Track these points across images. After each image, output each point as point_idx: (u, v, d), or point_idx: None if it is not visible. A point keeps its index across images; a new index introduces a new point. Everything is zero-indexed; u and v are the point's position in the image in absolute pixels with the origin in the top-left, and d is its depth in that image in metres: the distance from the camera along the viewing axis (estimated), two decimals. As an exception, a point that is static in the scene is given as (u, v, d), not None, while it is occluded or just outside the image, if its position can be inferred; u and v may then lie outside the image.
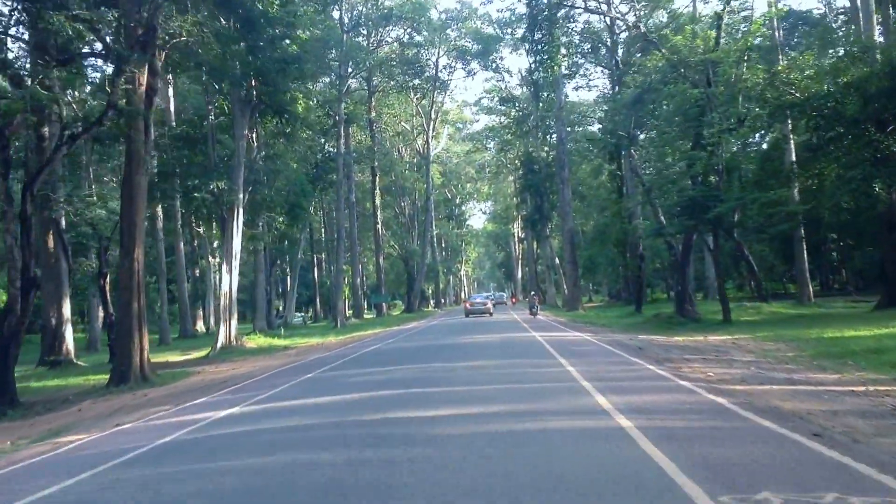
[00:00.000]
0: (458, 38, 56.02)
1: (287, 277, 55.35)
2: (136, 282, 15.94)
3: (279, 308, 55.08)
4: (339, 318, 41.21)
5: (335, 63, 44.26)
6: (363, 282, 64.68)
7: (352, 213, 49.31)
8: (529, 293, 50.98)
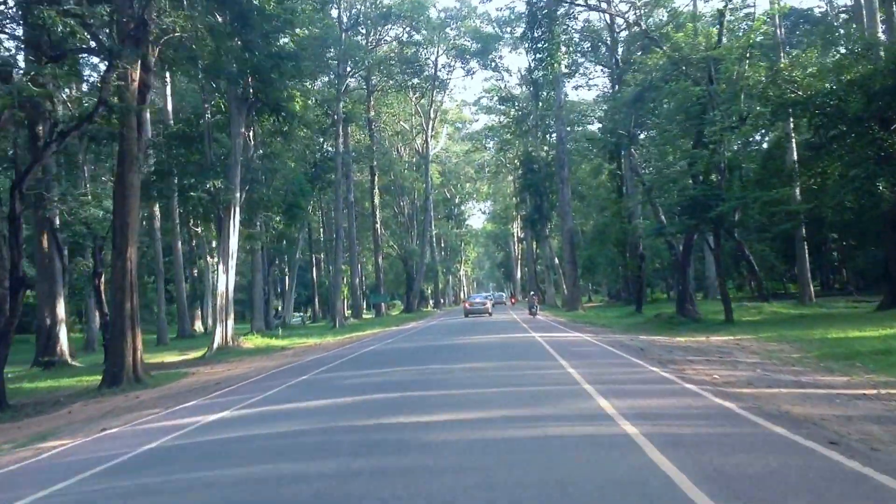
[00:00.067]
0: (458, 37, 55.83)
1: (285, 277, 55.09)
2: (129, 282, 15.68)
3: (278, 308, 54.81)
4: (338, 319, 41.03)
5: (334, 62, 44.05)
6: (362, 282, 64.44)
7: (350, 213, 49.07)
8: (529, 293, 50.76)
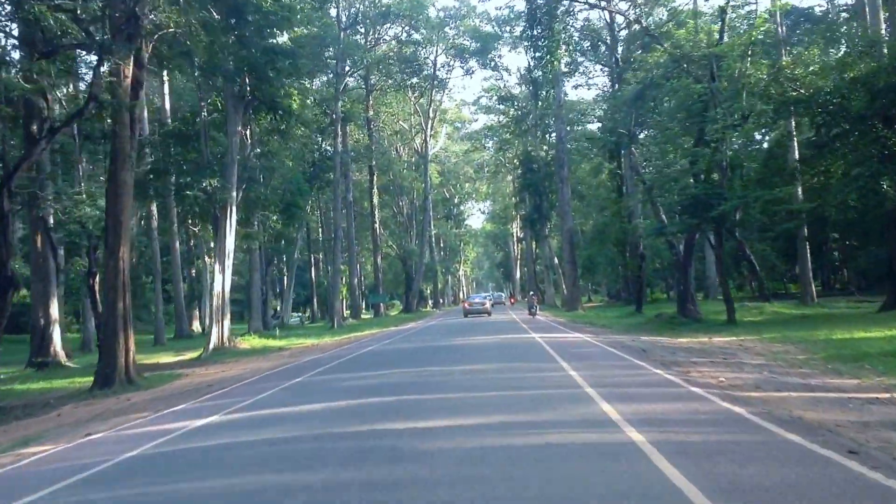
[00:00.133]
0: (457, 37, 55.53)
1: (284, 277, 54.80)
2: (122, 281, 15.42)
3: (276, 308, 54.52)
4: (336, 319, 40.79)
5: (332, 61, 43.78)
6: (361, 282, 64.20)
7: (349, 213, 48.80)
8: (528, 293, 50.51)
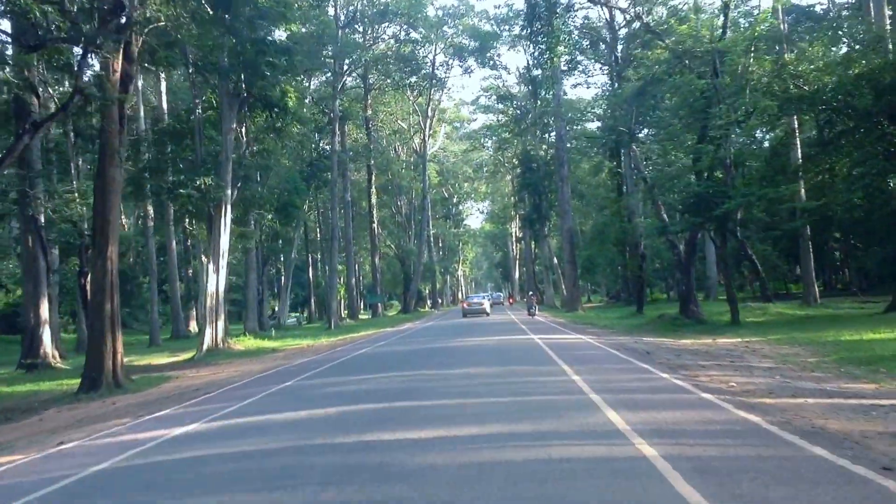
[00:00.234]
0: (455, 35, 55.21)
1: (281, 277, 54.35)
2: (110, 281, 14.97)
3: (274, 308, 54.10)
4: (333, 319, 40.43)
5: (330, 60, 43.35)
6: (359, 282, 63.77)
7: (347, 212, 48.40)
8: (528, 293, 50.14)
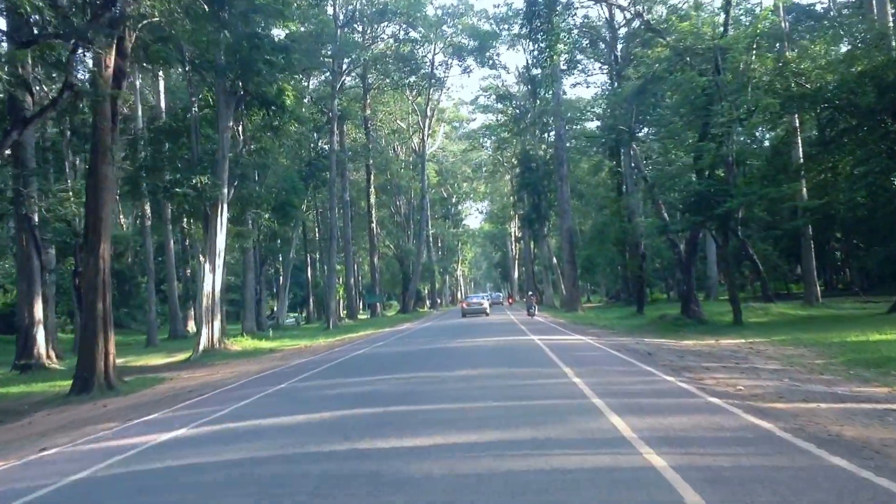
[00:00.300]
0: (455, 35, 54.95)
1: (280, 277, 54.09)
2: (102, 280, 14.70)
3: (273, 308, 53.85)
4: (332, 320, 40.20)
5: (329, 59, 43.08)
6: (358, 282, 63.50)
7: (346, 212, 48.16)
8: (527, 293, 49.91)
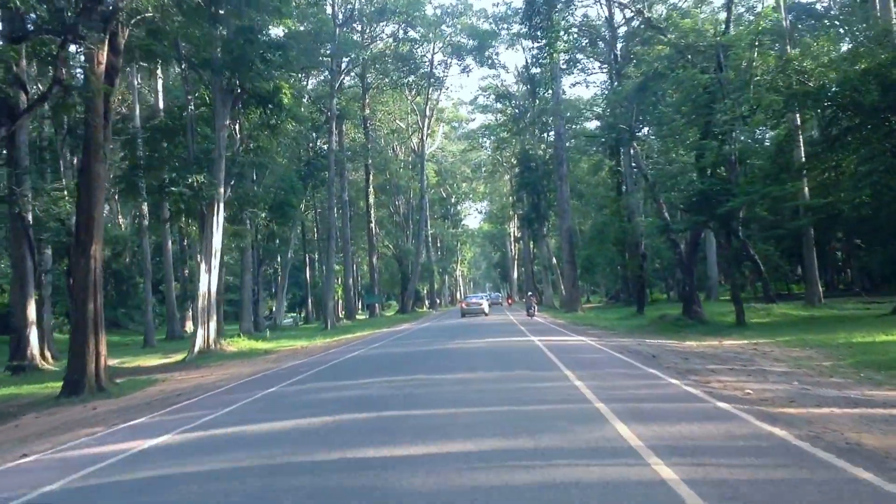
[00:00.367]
0: (454, 34, 54.78)
1: (278, 277, 53.80)
2: (93, 280, 14.41)
3: (271, 308, 53.57)
4: (330, 320, 39.93)
5: (327, 58, 42.82)
6: (356, 282, 63.21)
7: (345, 212, 47.90)
8: (526, 293, 49.66)
